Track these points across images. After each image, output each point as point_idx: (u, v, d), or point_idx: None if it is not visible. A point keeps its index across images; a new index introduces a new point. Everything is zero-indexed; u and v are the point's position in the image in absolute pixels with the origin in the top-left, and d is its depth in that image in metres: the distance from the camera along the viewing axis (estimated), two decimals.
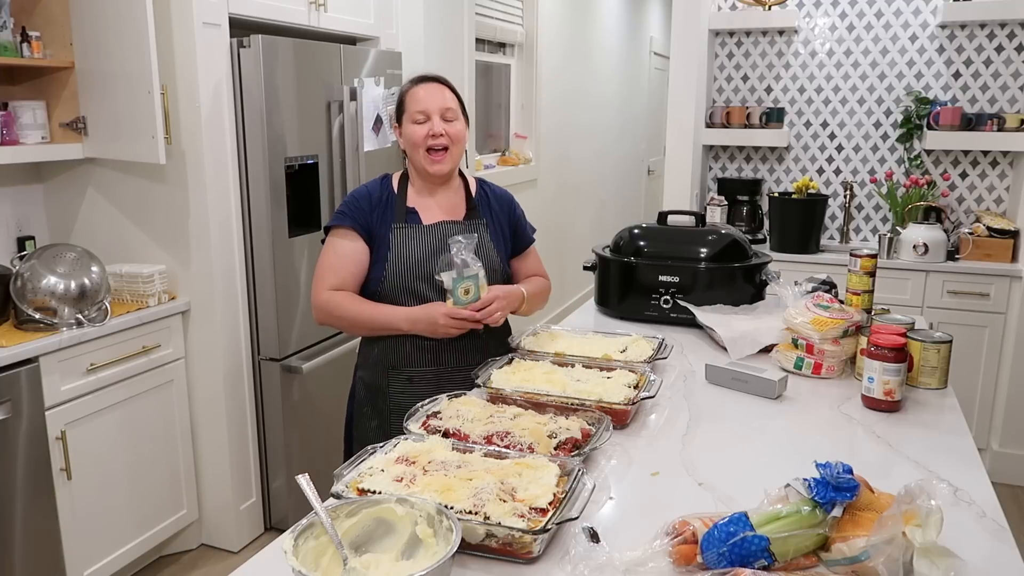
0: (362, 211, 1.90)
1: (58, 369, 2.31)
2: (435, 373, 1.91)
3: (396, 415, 1.88)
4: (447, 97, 1.90)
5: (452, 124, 1.89)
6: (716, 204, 3.97)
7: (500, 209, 2.02)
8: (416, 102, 1.88)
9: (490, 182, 2.08)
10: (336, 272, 1.89)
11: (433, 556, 1.03)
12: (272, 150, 2.74)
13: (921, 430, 1.58)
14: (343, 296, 1.88)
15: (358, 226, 1.89)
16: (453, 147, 1.89)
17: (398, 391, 1.92)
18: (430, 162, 1.88)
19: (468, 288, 1.79)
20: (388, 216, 1.90)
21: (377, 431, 1.94)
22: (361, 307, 1.88)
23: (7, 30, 2.46)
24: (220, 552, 2.91)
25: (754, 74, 4.04)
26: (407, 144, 1.90)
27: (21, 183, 2.77)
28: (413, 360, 1.91)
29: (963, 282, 3.44)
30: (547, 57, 5.14)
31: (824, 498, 1.03)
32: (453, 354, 1.91)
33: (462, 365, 1.90)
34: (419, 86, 1.90)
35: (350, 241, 1.89)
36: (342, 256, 1.89)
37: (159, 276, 2.67)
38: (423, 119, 1.86)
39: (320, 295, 1.89)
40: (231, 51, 2.67)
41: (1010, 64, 3.60)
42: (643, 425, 1.59)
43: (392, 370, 1.92)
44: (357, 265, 1.89)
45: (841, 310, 1.92)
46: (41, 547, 2.30)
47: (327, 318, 1.91)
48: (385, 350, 1.92)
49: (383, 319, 1.87)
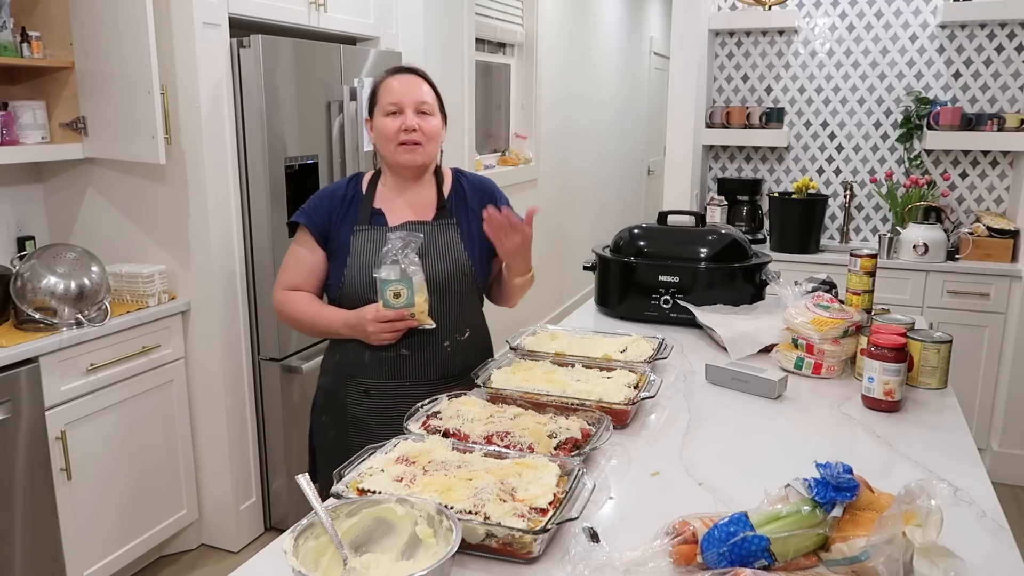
0: (321, 211, 1.79)
1: (58, 369, 2.31)
2: (393, 387, 1.78)
3: (354, 427, 1.81)
4: (424, 90, 1.77)
5: (427, 119, 1.75)
6: (716, 204, 3.97)
7: (478, 204, 1.83)
8: (389, 93, 1.75)
9: (471, 172, 1.94)
10: (291, 273, 1.82)
11: (433, 556, 1.03)
12: (272, 150, 2.74)
13: (921, 430, 1.58)
14: (298, 296, 1.80)
15: (313, 226, 1.79)
16: (427, 144, 1.76)
17: (355, 402, 1.81)
18: (403, 152, 1.74)
19: (399, 291, 1.65)
20: (352, 217, 1.79)
21: (335, 443, 1.83)
22: (307, 308, 1.79)
23: (7, 30, 2.46)
24: (220, 552, 2.91)
25: (754, 74, 4.04)
26: (378, 138, 1.77)
27: (21, 183, 2.77)
28: (371, 371, 1.79)
29: (963, 282, 3.44)
30: (547, 57, 5.14)
31: (824, 498, 1.03)
32: (414, 367, 1.78)
33: (423, 380, 1.78)
34: (394, 77, 1.77)
35: (305, 242, 1.80)
36: (297, 258, 1.81)
37: (159, 276, 2.67)
38: (395, 111, 1.73)
39: (275, 294, 1.84)
40: (231, 51, 2.67)
41: (1010, 64, 3.60)
42: (643, 425, 1.59)
43: (350, 380, 1.82)
44: (309, 268, 1.80)
45: (841, 310, 1.92)
46: (41, 547, 2.30)
47: (281, 318, 1.85)
48: (344, 357, 1.82)
49: (324, 322, 1.78)
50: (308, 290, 1.81)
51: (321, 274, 1.81)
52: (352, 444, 1.75)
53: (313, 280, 1.81)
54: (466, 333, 1.84)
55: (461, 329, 1.83)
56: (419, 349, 1.77)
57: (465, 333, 1.84)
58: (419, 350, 1.77)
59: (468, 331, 1.84)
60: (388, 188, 1.83)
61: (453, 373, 1.80)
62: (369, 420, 1.80)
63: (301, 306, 1.80)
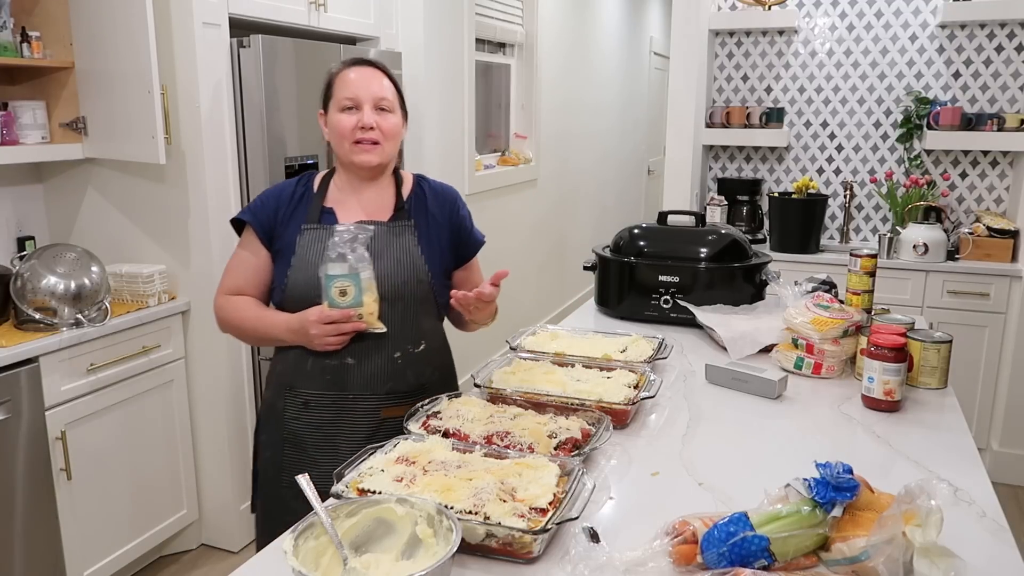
0: (267, 209, 1.67)
1: (58, 369, 2.31)
2: (335, 400, 1.62)
3: (290, 444, 1.66)
4: (383, 85, 1.63)
5: (386, 116, 1.63)
6: (716, 204, 3.97)
7: (440, 211, 1.72)
8: (345, 87, 1.62)
9: (432, 179, 1.80)
10: (233, 275, 1.69)
11: (433, 556, 1.03)
12: (272, 150, 2.74)
13: (921, 430, 1.58)
14: (239, 300, 1.67)
15: (258, 224, 1.66)
16: (385, 143, 1.63)
17: (293, 416, 1.65)
18: (359, 151, 1.62)
19: (345, 288, 1.51)
20: (300, 216, 1.66)
21: (269, 464, 1.69)
22: (248, 313, 1.65)
23: (7, 30, 2.46)
24: (220, 552, 2.91)
25: (754, 74, 4.04)
26: (332, 135, 1.65)
27: (21, 183, 2.77)
28: (313, 380, 1.63)
29: (963, 282, 3.44)
30: (547, 57, 5.14)
31: (824, 498, 1.03)
32: (359, 379, 1.62)
33: (368, 393, 1.62)
34: (351, 69, 1.64)
35: (249, 243, 1.68)
36: (240, 259, 1.69)
37: (159, 276, 2.67)
38: (352, 106, 1.61)
39: (216, 299, 1.70)
40: (231, 51, 2.67)
41: (1010, 64, 3.60)
42: (643, 425, 1.59)
43: (290, 391, 1.66)
44: (253, 270, 1.67)
45: (841, 310, 1.92)
46: (41, 547, 2.30)
47: (222, 325, 1.71)
48: (286, 366, 1.67)
49: (266, 328, 1.64)
50: (251, 294, 1.68)
51: (266, 277, 1.68)
52: (286, 464, 1.65)
53: (257, 283, 1.68)
54: (421, 345, 1.68)
55: (415, 340, 1.67)
56: (366, 358, 1.62)
57: (420, 345, 1.68)
58: (366, 359, 1.62)
59: (423, 343, 1.68)
60: (341, 187, 1.70)
61: (404, 389, 1.65)
62: (305, 436, 1.65)
63: (242, 311, 1.66)
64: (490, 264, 1.68)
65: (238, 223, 1.71)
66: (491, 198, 4.45)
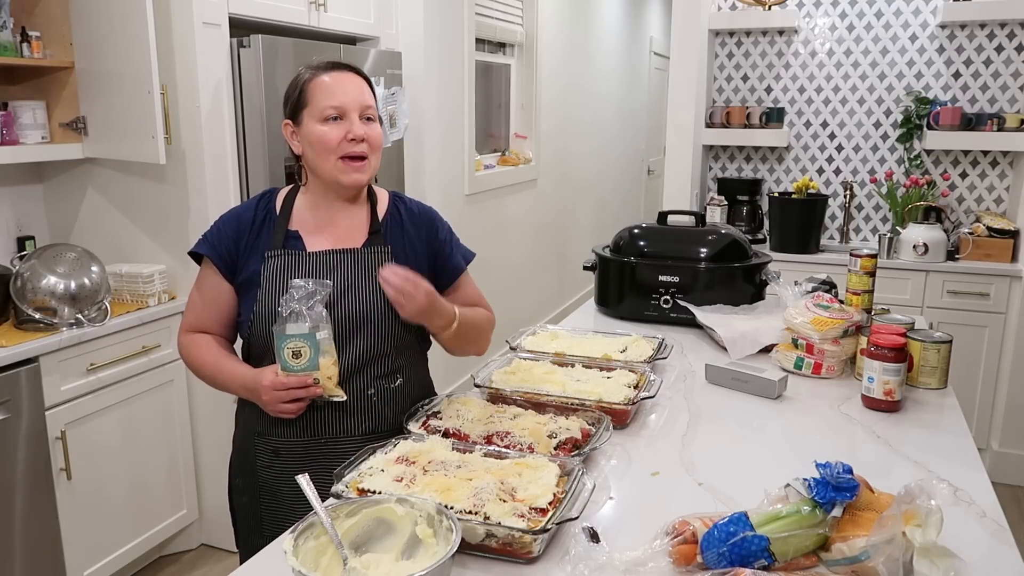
0: (225, 238, 1.51)
1: (58, 369, 2.31)
2: (304, 446, 1.49)
3: (267, 494, 1.53)
4: (367, 92, 1.50)
5: (372, 127, 1.48)
6: (716, 204, 3.97)
7: (416, 233, 1.57)
8: (328, 95, 1.45)
9: (410, 197, 1.65)
10: (195, 312, 1.56)
11: (433, 556, 1.03)
12: (272, 150, 2.74)
13: (921, 430, 1.58)
14: (201, 340, 1.55)
15: (217, 256, 1.51)
16: (372, 157, 1.49)
17: (264, 465, 1.53)
18: (348, 170, 1.46)
19: (299, 349, 1.36)
20: (263, 242, 1.50)
21: (248, 510, 1.57)
22: (208, 358, 1.52)
23: (7, 30, 2.46)
24: (220, 552, 2.91)
25: (754, 74, 4.04)
26: (315, 148, 1.46)
27: (21, 183, 2.77)
28: (278, 428, 1.49)
29: (963, 282, 3.44)
30: (547, 57, 5.14)
31: (824, 498, 1.03)
32: (332, 423, 1.48)
33: (344, 436, 1.49)
34: (329, 74, 1.47)
35: (208, 276, 1.54)
36: (201, 293, 1.56)
37: (159, 276, 2.67)
38: (337, 116, 1.45)
39: (179, 336, 1.58)
40: (231, 51, 2.67)
41: (1010, 64, 3.60)
42: (643, 425, 1.59)
43: (258, 438, 1.53)
44: (215, 306, 1.54)
45: (841, 310, 1.92)
46: (41, 547, 2.30)
47: (187, 365, 1.58)
48: (252, 411, 1.53)
49: (224, 379, 1.51)
50: (215, 332, 1.56)
51: (229, 312, 1.54)
52: (266, 514, 1.54)
53: (220, 319, 1.55)
54: (396, 381, 1.53)
55: (391, 376, 1.52)
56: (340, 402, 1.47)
57: (395, 380, 1.53)
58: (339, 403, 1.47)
59: (400, 378, 1.54)
60: (308, 207, 1.53)
61: (383, 428, 1.50)
62: (282, 486, 1.50)
63: (203, 355, 1.53)
64: (490, 264, 1.68)
65: (196, 255, 1.56)
66: (491, 198, 4.45)
